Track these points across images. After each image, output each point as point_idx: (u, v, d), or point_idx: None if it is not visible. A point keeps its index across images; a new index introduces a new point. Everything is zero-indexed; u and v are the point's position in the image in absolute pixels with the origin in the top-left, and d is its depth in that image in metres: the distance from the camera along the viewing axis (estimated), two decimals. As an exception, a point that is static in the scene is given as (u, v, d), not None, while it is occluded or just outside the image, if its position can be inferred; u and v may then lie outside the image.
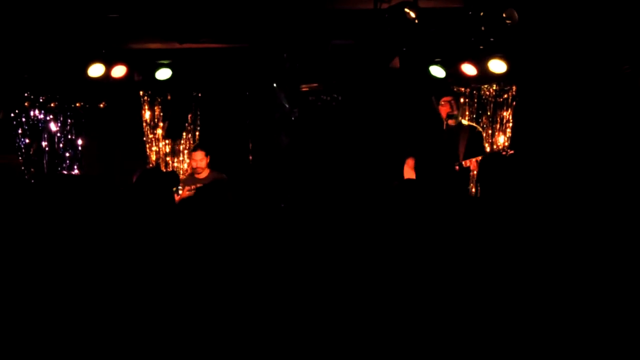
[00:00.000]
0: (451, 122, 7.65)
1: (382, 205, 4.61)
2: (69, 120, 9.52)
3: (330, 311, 3.78)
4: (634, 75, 8.58)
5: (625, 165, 8.31)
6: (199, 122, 9.65)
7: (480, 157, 7.26)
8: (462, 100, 9.13)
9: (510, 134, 9.22)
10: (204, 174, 8.32)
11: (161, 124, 9.60)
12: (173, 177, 5.67)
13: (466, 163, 7.42)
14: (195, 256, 4.14)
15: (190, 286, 3.92)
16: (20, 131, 9.31)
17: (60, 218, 4.40)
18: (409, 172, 7.73)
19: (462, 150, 7.61)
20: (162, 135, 9.61)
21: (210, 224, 4.82)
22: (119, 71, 8.61)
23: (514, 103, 9.21)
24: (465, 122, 8.13)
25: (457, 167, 7.47)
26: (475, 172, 7.69)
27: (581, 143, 8.64)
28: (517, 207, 4.51)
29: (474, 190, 7.88)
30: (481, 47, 7.73)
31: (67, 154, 9.51)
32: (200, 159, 8.24)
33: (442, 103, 7.72)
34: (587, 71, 8.56)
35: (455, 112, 7.70)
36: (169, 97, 9.54)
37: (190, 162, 8.50)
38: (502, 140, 9.24)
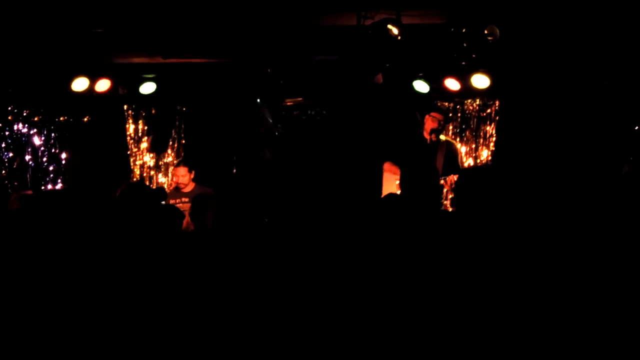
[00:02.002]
0: (433, 137, 7.73)
1: (367, 219, 4.63)
2: (53, 134, 9.49)
3: (312, 324, 3.79)
4: (614, 91, 8.68)
5: (606, 179, 8.38)
6: (183, 136, 9.65)
7: (456, 177, 7.28)
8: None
9: (493, 148, 9.28)
10: (189, 188, 8.30)
11: (145, 138, 9.59)
12: (160, 193, 5.67)
13: (441, 181, 7.42)
14: (179, 270, 4.14)
15: (173, 299, 3.92)
16: (3, 145, 9.27)
17: (44, 232, 4.39)
18: (387, 177, 7.75)
19: (439, 165, 7.67)
20: (146, 149, 9.60)
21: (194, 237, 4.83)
22: (103, 85, 8.60)
23: (497, 117, 9.28)
24: (442, 137, 8.20)
25: (442, 182, 7.47)
26: (448, 190, 7.68)
27: (563, 156, 8.70)
28: (499, 221, 4.53)
29: (448, 206, 7.89)
30: (463, 62, 7.79)
31: (51, 168, 9.47)
32: (183, 174, 8.20)
33: (431, 118, 7.80)
34: (568, 86, 8.64)
35: (440, 128, 7.80)
36: (153, 111, 9.54)
37: (173, 177, 8.47)
38: (485, 154, 9.30)
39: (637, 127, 8.60)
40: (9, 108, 9.24)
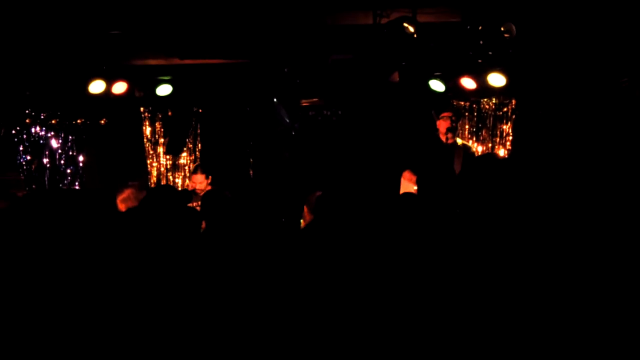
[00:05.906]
0: (450, 135, 7.67)
1: (383, 218, 4.62)
2: (70, 137, 9.53)
3: (326, 324, 3.78)
4: (632, 88, 8.61)
5: (624, 177, 8.32)
6: (199, 138, 9.67)
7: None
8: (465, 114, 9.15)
9: (510, 147, 9.24)
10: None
11: (162, 140, 9.62)
12: (185, 195, 5.68)
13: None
14: (198, 272, 4.14)
15: (191, 299, 3.92)
16: (21, 148, 9.33)
17: (62, 231, 4.40)
18: (405, 185, 7.71)
19: (456, 169, 7.58)
20: (163, 151, 9.63)
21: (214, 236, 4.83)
22: (119, 87, 8.64)
23: (514, 116, 9.24)
24: (459, 140, 8.16)
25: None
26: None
27: (580, 155, 8.65)
28: (516, 219, 4.50)
29: None
30: (480, 60, 7.76)
31: (68, 170, 9.52)
32: (201, 181, 8.17)
33: (443, 117, 7.75)
34: (586, 83, 8.59)
35: (454, 126, 7.73)
36: (169, 113, 9.56)
37: (190, 183, 8.47)
38: (502, 153, 9.26)
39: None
40: (27, 111, 9.29)
